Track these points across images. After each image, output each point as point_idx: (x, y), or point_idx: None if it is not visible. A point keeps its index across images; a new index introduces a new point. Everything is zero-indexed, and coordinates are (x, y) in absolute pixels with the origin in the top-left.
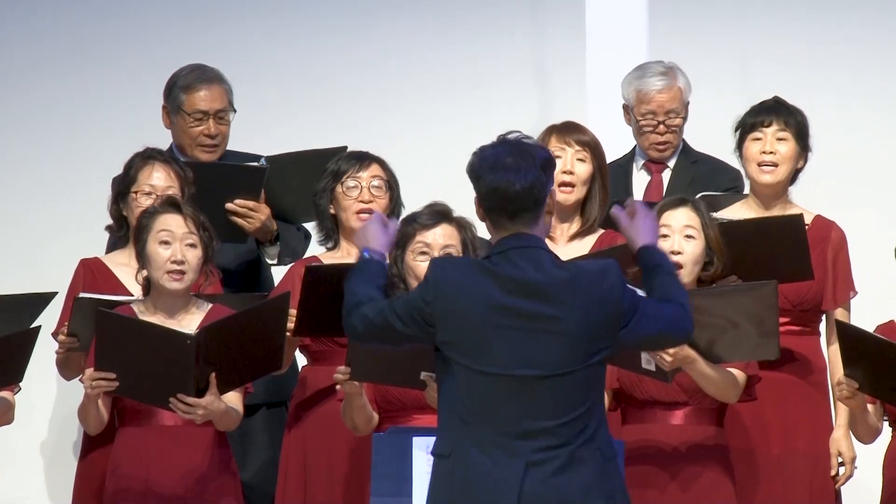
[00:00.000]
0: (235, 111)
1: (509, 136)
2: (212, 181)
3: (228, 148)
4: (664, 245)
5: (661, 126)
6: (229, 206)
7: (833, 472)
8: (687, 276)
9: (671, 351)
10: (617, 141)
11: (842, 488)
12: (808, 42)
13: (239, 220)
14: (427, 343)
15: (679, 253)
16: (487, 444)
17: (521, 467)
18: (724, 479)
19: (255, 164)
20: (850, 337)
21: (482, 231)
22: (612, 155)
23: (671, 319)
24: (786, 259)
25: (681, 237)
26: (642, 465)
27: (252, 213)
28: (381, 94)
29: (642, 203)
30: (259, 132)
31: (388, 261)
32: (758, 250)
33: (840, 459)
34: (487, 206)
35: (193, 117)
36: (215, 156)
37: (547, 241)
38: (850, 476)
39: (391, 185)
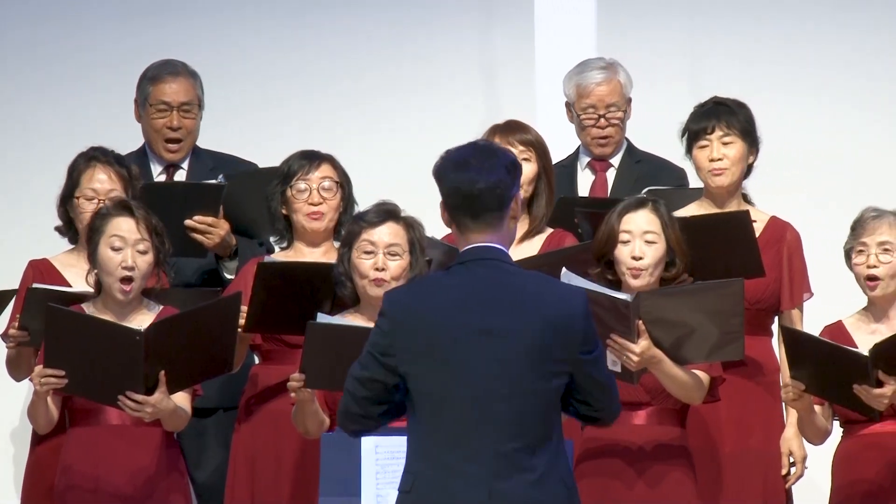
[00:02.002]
0: (203, 107)
1: (478, 141)
2: (170, 199)
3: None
4: (624, 250)
5: (602, 120)
6: (188, 222)
7: (784, 472)
8: (649, 278)
9: (637, 351)
10: (565, 140)
11: (792, 487)
12: (756, 41)
13: (198, 237)
14: (392, 382)
15: (640, 258)
16: (449, 473)
17: (485, 495)
18: (688, 480)
19: (214, 181)
20: (794, 340)
21: (439, 230)
22: (561, 154)
23: (616, 392)
24: (735, 256)
25: (642, 242)
26: (607, 458)
27: (211, 228)
28: (330, 93)
29: None
30: (207, 131)
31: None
32: (707, 248)
33: (791, 459)
34: (452, 205)
35: (156, 108)
36: (179, 155)
37: None
38: (801, 475)
39: (342, 184)
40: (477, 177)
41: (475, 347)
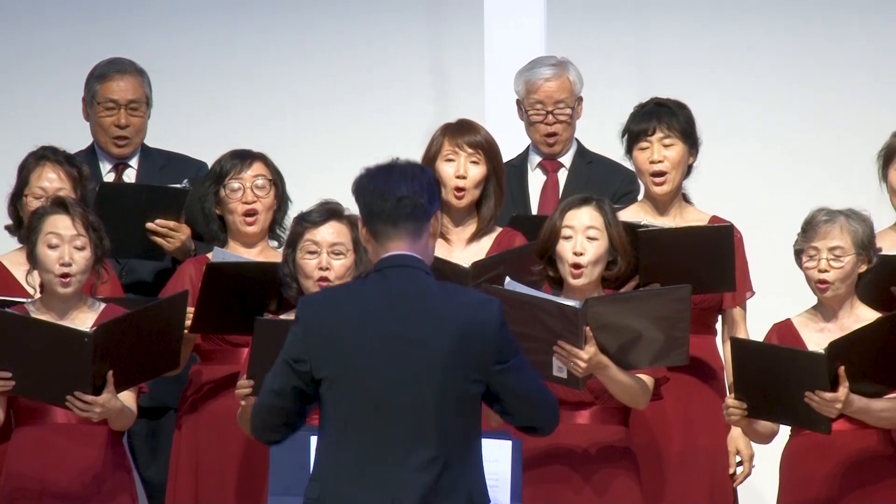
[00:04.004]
0: (151, 105)
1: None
2: (132, 200)
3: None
4: (566, 246)
5: (550, 116)
6: (150, 225)
7: (731, 471)
8: (590, 275)
9: (585, 357)
10: (515, 141)
11: (738, 488)
12: (704, 43)
13: (159, 240)
14: (308, 389)
15: (581, 254)
16: (359, 487)
17: None
18: (634, 484)
19: (178, 185)
20: (742, 352)
21: None
22: (510, 155)
23: (548, 400)
24: (709, 269)
25: (583, 238)
26: (553, 463)
27: (172, 233)
28: (278, 95)
29: None
30: (159, 133)
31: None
32: (681, 259)
33: (738, 458)
34: (372, 211)
35: (104, 106)
36: (128, 150)
37: (443, 244)
38: (749, 474)
39: (275, 182)
40: (399, 183)
41: (387, 358)
